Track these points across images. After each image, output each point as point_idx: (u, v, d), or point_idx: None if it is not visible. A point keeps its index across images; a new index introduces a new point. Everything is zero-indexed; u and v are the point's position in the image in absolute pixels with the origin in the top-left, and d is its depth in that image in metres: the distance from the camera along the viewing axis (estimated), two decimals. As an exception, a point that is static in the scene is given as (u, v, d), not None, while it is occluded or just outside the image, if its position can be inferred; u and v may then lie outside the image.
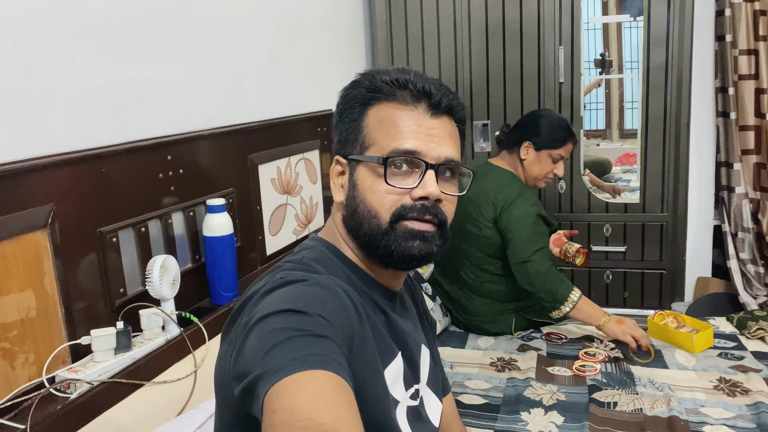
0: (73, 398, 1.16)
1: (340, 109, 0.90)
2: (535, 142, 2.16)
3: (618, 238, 2.95)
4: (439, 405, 1.00)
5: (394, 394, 0.84)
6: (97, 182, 1.36)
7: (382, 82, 0.86)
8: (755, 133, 2.73)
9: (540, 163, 2.17)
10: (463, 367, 2.00)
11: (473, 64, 2.93)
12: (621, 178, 3.41)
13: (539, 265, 2.05)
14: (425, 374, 0.96)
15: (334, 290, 0.77)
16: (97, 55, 1.40)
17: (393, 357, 0.86)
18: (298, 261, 0.83)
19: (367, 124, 0.86)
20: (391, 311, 0.88)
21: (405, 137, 0.83)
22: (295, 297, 0.73)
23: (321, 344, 0.67)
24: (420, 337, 0.97)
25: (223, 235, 1.66)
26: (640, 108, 2.85)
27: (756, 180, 2.76)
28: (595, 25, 3.01)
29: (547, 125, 2.16)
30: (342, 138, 0.89)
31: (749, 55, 2.65)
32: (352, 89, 0.89)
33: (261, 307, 0.73)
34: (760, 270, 2.78)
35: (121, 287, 1.42)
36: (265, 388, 0.62)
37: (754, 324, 2.10)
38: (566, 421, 1.65)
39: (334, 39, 2.67)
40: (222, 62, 1.85)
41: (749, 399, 1.71)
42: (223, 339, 0.81)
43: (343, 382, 0.63)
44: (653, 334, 2.13)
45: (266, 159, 2.03)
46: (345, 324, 0.74)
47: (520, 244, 2.08)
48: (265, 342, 0.67)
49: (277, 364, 0.63)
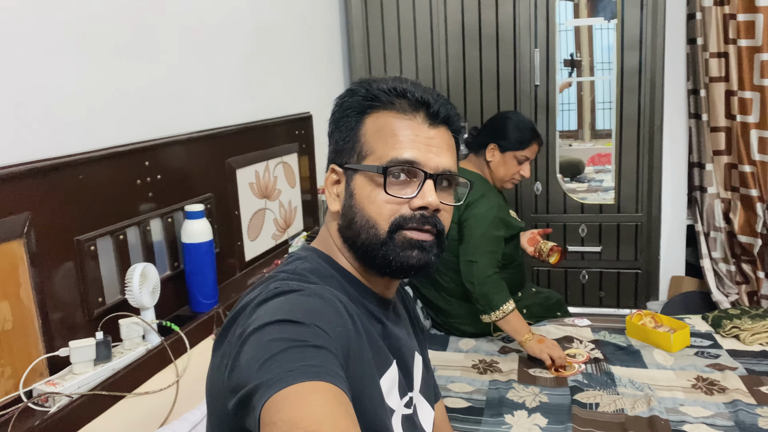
0: (52, 412, 1.13)
1: (335, 117, 0.89)
2: (500, 144, 2.19)
3: (593, 239, 2.98)
4: (431, 412, 0.99)
5: (390, 403, 0.84)
6: (74, 189, 1.32)
7: (380, 91, 0.85)
8: (726, 134, 2.78)
9: (505, 165, 2.20)
10: (445, 370, 2.00)
11: (450, 67, 2.93)
12: (594, 178, 3.46)
13: (484, 269, 2.06)
14: (418, 381, 0.95)
15: (330, 300, 0.76)
16: (73, 61, 1.36)
17: (388, 366, 0.85)
18: (291, 271, 0.82)
19: (364, 132, 0.85)
20: (386, 319, 0.88)
21: (404, 146, 0.83)
22: (290, 307, 0.72)
23: (318, 355, 0.66)
24: (413, 344, 0.97)
25: (202, 241, 1.64)
26: (614, 110, 2.89)
27: (727, 180, 2.82)
28: (570, 27, 3.04)
29: (512, 127, 2.19)
30: (338, 147, 0.88)
31: (719, 58, 2.71)
32: (348, 97, 0.87)
33: (256, 317, 0.72)
34: (732, 268, 2.84)
35: (100, 296, 1.39)
36: (262, 400, 0.61)
37: (729, 322, 2.14)
38: (550, 423, 1.66)
39: (310, 42, 2.66)
40: (198, 66, 1.83)
41: (726, 397, 1.74)
42: (216, 350, 0.79)
43: (341, 393, 0.63)
44: (631, 333, 2.16)
45: (244, 163, 2.01)
46: (341, 334, 0.73)
47: (472, 244, 2.09)
48: (261, 353, 0.66)
49: (275, 376, 0.62)
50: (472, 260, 2.07)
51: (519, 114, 2.34)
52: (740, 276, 2.84)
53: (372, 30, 2.96)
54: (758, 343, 2.05)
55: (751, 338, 2.06)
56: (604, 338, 2.16)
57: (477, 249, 2.08)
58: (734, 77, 2.67)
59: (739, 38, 2.63)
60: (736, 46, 2.65)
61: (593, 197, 3.09)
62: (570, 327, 2.26)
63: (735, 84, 2.67)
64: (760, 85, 2.62)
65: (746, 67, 2.63)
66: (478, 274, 2.05)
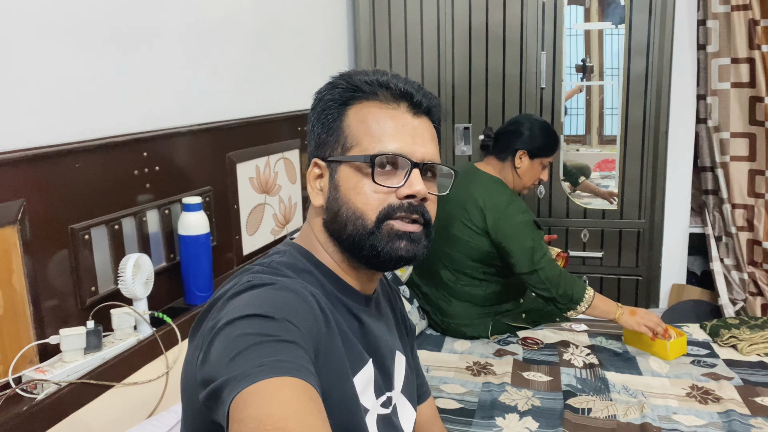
0: (39, 399, 1.14)
1: (317, 111, 0.88)
2: (529, 151, 2.18)
3: (595, 244, 2.97)
4: (413, 413, 0.98)
5: (364, 402, 0.83)
6: (70, 178, 1.33)
7: (362, 82, 0.85)
8: (750, 140, 2.73)
9: (532, 171, 2.21)
10: (439, 371, 1.99)
11: (456, 67, 2.93)
12: (599, 184, 3.44)
13: (550, 270, 2.06)
14: (400, 381, 0.95)
15: (302, 294, 0.76)
16: (72, 49, 1.37)
17: (363, 364, 0.84)
18: (267, 264, 0.82)
19: (348, 124, 0.85)
20: (365, 316, 0.87)
21: (390, 137, 0.83)
22: (261, 301, 0.72)
23: (288, 350, 0.66)
24: (395, 344, 0.96)
25: (199, 234, 1.64)
26: (619, 115, 2.87)
27: (750, 186, 2.78)
28: (578, 31, 3.02)
29: (542, 134, 2.19)
30: (320, 140, 0.87)
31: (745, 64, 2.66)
32: (328, 90, 0.87)
33: (227, 311, 0.72)
34: (744, 277, 2.80)
35: (93, 286, 1.39)
36: (231, 395, 0.61)
37: (727, 332, 2.12)
38: (540, 426, 1.65)
39: (316, 39, 2.66)
40: (200, 58, 1.83)
41: (721, 407, 1.72)
42: (190, 342, 0.79)
43: (311, 389, 0.62)
44: (628, 340, 2.15)
45: (245, 158, 2.01)
46: (312, 328, 0.73)
47: (525, 254, 2.07)
48: (230, 348, 0.65)
49: (244, 371, 0.62)
50: (536, 269, 2.06)
51: (541, 119, 2.32)
52: (754, 286, 2.80)
53: (379, 28, 2.96)
54: (755, 354, 2.04)
55: (749, 348, 2.04)
56: (600, 344, 2.15)
57: (534, 257, 2.07)
58: (762, 83, 2.64)
59: (762, 44, 2.60)
60: (760, 52, 2.62)
61: (598, 203, 3.07)
62: (567, 332, 2.24)
63: (763, 90, 2.64)
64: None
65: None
66: (548, 279, 2.05)
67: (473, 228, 2.15)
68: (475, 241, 2.15)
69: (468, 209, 2.15)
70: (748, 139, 2.74)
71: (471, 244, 2.16)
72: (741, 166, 2.77)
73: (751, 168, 2.76)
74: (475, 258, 2.18)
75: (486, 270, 2.19)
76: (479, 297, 2.21)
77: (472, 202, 2.14)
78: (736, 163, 2.77)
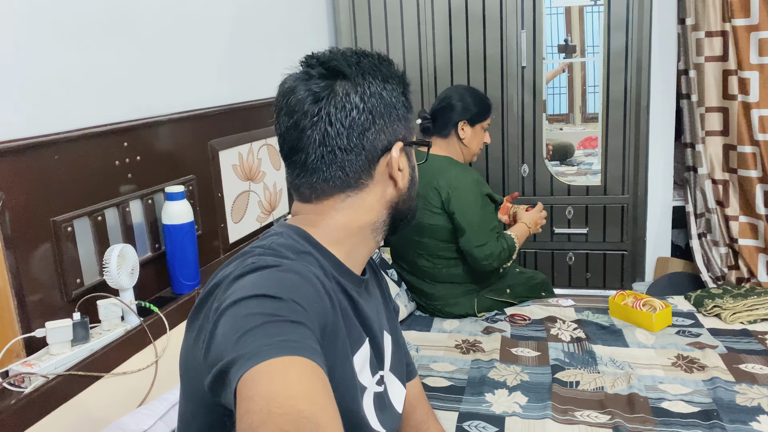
0: (27, 392, 1.13)
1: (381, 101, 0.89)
2: (468, 119, 2.23)
3: (580, 220, 2.99)
4: (403, 391, 0.99)
5: (362, 381, 0.84)
6: (50, 170, 1.32)
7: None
8: (723, 115, 2.72)
9: (476, 137, 2.28)
10: (428, 350, 2.01)
11: (437, 48, 2.92)
12: (583, 162, 3.45)
13: (492, 247, 2.14)
14: (388, 360, 0.96)
15: (308, 276, 0.76)
16: (48, 39, 1.35)
17: (361, 343, 0.85)
18: (267, 246, 0.81)
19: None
20: (359, 297, 0.88)
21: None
22: (267, 282, 0.72)
23: (296, 330, 0.66)
24: (383, 323, 0.97)
25: (183, 222, 1.63)
26: (601, 91, 2.88)
27: (725, 161, 2.78)
28: (558, 9, 3.02)
29: (474, 100, 2.26)
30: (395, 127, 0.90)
31: (717, 37, 2.66)
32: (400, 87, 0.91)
33: (232, 291, 0.71)
34: (722, 250, 2.83)
35: (78, 278, 1.39)
36: (238, 374, 0.60)
37: (710, 302, 2.15)
38: (530, 401, 1.67)
39: (296, 23, 2.64)
40: (180, 46, 1.81)
41: (705, 375, 1.76)
42: (190, 327, 0.79)
43: (319, 369, 0.62)
44: (614, 313, 2.17)
45: (227, 145, 2.00)
46: (318, 310, 0.73)
47: (475, 230, 2.14)
48: (237, 327, 0.65)
49: (252, 350, 0.62)
50: (480, 244, 2.13)
51: (465, 86, 2.37)
52: (732, 260, 2.82)
53: (359, 12, 2.94)
54: (739, 322, 2.07)
55: (732, 317, 2.08)
56: (587, 318, 2.17)
57: (480, 233, 2.14)
58: (732, 56, 2.64)
59: (733, 18, 2.60)
60: (731, 25, 2.61)
61: (582, 180, 3.09)
62: (554, 307, 2.27)
63: (733, 63, 2.64)
64: (759, 63, 2.58)
65: (743, 45, 2.60)
66: (490, 254, 2.13)
67: (433, 210, 2.18)
68: (438, 222, 2.19)
69: (425, 194, 2.19)
70: (721, 114, 2.75)
71: (437, 226, 2.19)
72: (716, 140, 2.79)
73: (725, 143, 2.78)
74: (443, 239, 2.21)
75: (459, 249, 2.21)
76: (459, 276, 2.24)
77: (427, 185, 2.18)
78: (711, 138, 2.78)
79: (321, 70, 0.83)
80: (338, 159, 0.83)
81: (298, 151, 0.84)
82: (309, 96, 0.82)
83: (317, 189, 0.85)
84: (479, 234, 2.13)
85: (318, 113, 0.81)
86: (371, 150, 0.84)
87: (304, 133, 0.82)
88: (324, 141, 0.82)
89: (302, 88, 0.82)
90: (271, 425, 0.55)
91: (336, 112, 0.81)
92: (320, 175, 0.84)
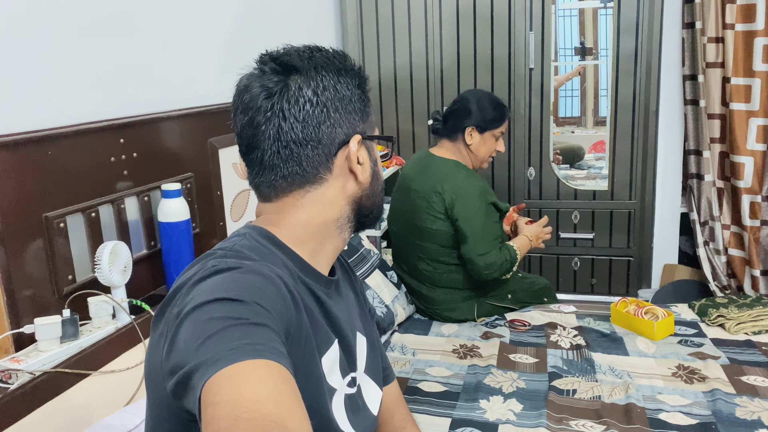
0: (13, 389, 1.13)
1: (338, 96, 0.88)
2: (477, 125, 2.18)
3: (586, 225, 2.96)
4: (379, 393, 0.98)
5: (331, 383, 0.83)
6: (43, 166, 1.31)
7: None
8: (721, 122, 2.71)
9: (485, 144, 2.22)
10: (425, 354, 1.99)
11: (444, 49, 2.90)
12: (593, 165, 3.42)
13: (495, 257, 2.10)
14: (362, 362, 0.94)
15: (270, 277, 0.75)
16: (44, 35, 1.34)
17: (330, 344, 0.84)
18: (229, 248, 0.80)
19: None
20: (327, 297, 0.87)
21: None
22: (228, 285, 0.71)
23: (259, 333, 0.64)
24: (356, 324, 0.96)
25: (179, 220, 1.63)
26: (609, 95, 2.85)
27: (720, 169, 2.76)
28: (569, 11, 2.99)
29: (487, 106, 2.20)
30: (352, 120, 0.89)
31: (717, 43, 2.64)
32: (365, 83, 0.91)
33: (193, 296, 0.70)
34: (723, 259, 2.78)
35: (70, 274, 1.38)
36: (202, 380, 0.60)
37: (715, 311, 2.12)
38: (524, 408, 1.65)
39: (301, 22, 2.63)
40: (181, 42, 1.81)
41: (706, 386, 1.72)
42: (153, 330, 0.78)
43: (285, 371, 0.61)
44: (616, 321, 2.14)
45: (227, 143, 1.99)
46: (282, 311, 0.72)
47: (477, 240, 2.10)
48: (199, 332, 0.64)
49: (214, 355, 0.61)
50: (482, 253, 2.09)
51: (483, 91, 2.32)
52: (730, 268, 2.79)
53: (366, 12, 2.93)
54: (743, 333, 2.03)
55: (736, 327, 2.04)
56: (588, 325, 2.14)
57: (483, 242, 2.10)
58: (729, 63, 2.60)
59: (736, 22, 2.57)
60: (733, 31, 2.58)
61: (591, 184, 3.06)
62: (555, 313, 2.24)
63: (730, 70, 2.61)
64: (759, 70, 2.55)
65: (743, 52, 2.57)
66: (492, 264, 2.10)
67: (436, 215, 2.16)
68: (440, 227, 2.16)
69: (430, 199, 2.16)
70: (719, 121, 2.71)
71: (439, 231, 2.16)
72: (715, 148, 2.75)
73: (722, 150, 2.74)
74: (445, 244, 2.18)
75: (459, 254, 2.18)
76: (459, 281, 2.21)
77: (431, 189, 2.15)
78: (713, 145, 2.75)
79: (274, 66, 0.83)
80: (294, 154, 0.82)
81: (255, 148, 0.83)
82: (262, 92, 0.81)
83: (276, 187, 0.85)
84: (482, 243, 2.10)
85: (271, 108, 0.81)
86: (328, 143, 0.83)
87: (258, 130, 0.82)
88: (278, 136, 0.81)
89: (256, 85, 0.82)
90: (238, 431, 0.54)
91: (289, 107, 0.81)
92: (278, 172, 0.83)
